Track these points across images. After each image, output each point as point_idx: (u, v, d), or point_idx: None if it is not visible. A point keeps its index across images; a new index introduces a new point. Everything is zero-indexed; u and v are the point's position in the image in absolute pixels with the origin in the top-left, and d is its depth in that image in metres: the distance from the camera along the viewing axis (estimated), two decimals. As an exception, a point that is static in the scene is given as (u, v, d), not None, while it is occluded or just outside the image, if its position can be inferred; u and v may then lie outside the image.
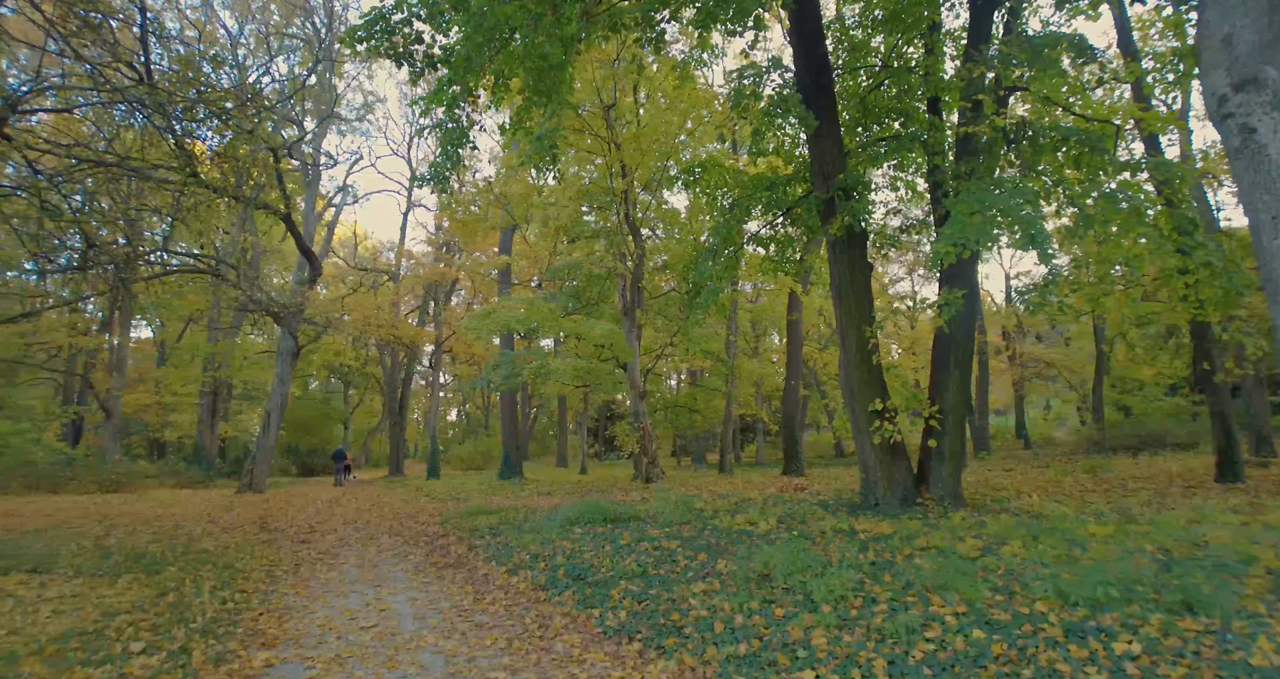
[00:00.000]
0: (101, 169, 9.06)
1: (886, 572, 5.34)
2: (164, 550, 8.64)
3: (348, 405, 46.84)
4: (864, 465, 10.54)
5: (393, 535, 10.36)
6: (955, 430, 10.53)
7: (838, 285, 10.91)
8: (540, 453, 49.77)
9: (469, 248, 28.92)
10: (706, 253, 13.61)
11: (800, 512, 8.88)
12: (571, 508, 9.78)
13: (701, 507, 9.42)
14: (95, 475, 18.55)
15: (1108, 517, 8.16)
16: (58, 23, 7.17)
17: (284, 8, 24.69)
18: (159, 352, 36.98)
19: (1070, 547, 6.09)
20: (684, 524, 8.35)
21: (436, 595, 6.11)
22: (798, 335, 24.17)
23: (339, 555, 8.65)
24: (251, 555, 8.46)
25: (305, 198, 25.21)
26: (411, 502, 16.42)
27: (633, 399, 18.54)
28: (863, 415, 10.30)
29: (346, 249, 40.22)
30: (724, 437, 26.69)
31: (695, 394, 28.91)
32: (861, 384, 10.44)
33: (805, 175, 12.97)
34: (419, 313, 35.63)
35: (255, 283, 21.99)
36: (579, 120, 17.65)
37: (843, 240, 10.61)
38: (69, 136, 10.75)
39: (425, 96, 9.81)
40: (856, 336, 10.49)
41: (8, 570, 7.19)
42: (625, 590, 5.41)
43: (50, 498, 16.73)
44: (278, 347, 21.72)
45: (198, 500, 16.58)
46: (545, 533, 8.40)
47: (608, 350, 16.61)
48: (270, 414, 19.91)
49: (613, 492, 15.36)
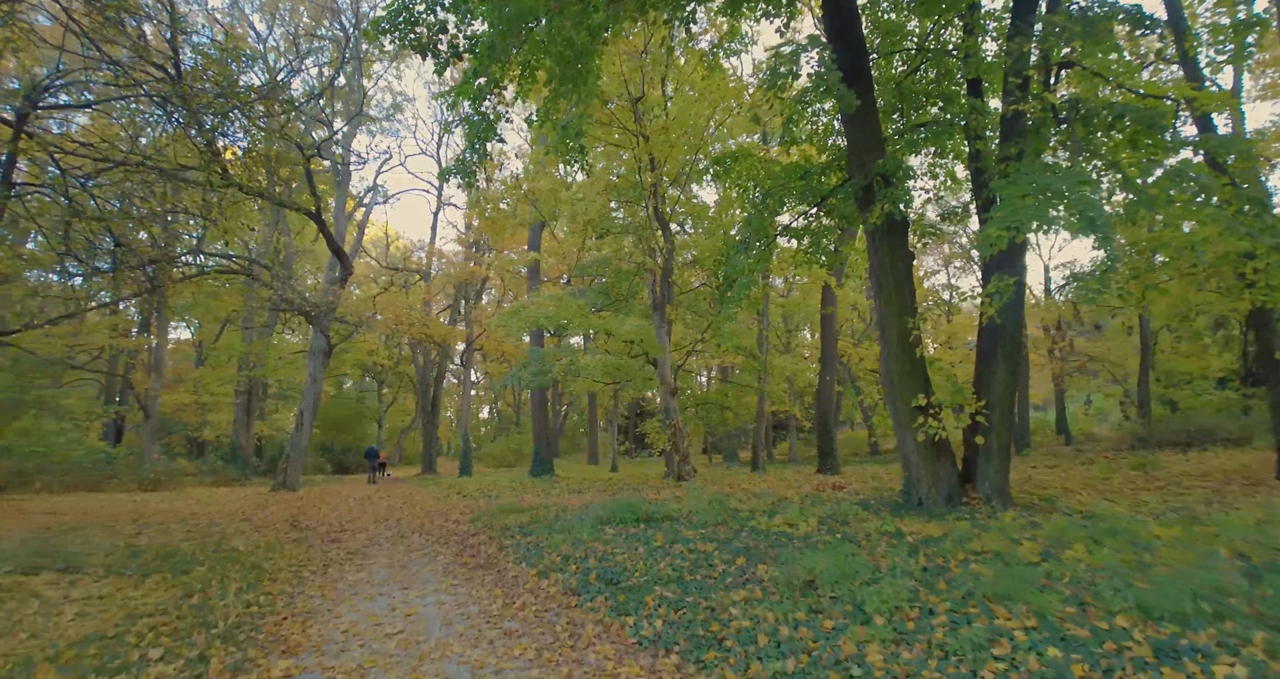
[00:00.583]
0: (129, 169, 9.05)
1: (941, 579, 4.96)
2: (195, 549, 8.60)
3: (381, 404, 47.33)
4: (906, 463, 10.13)
5: (423, 534, 10.22)
6: (1002, 426, 10.05)
7: (877, 275, 10.48)
8: (571, 450, 49.76)
9: (498, 245, 28.88)
10: (738, 245, 13.25)
11: (841, 512, 8.49)
12: (603, 507, 9.53)
13: (737, 507, 9.08)
14: (135, 474, 18.85)
15: (1169, 517, 7.65)
16: (81, 19, 7.12)
17: (312, 10, 24.86)
18: (197, 352, 37.74)
19: (1137, 551, 5.64)
20: (719, 525, 8.03)
21: (465, 599, 5.89)
22: (832, 330, 23.62)
23: (368, 555, 8.52)
24: (280, 554, 8.37)
25: (335, 197, 25.38)
26: (443, 499, 16.36)
27: (663, 396, 18.23)
28: (904, 410, 9.88)
29: (378, 249, 40.59)
30: (756, 434, 26.25)
31: (726, 391, 28.48)
32: (903, 378, 10.01)
33: (840, 164, 12.54)
34: (450, 312, 35.78)
35: (288, 283, 22.19)
36: (607, 114, 17.39)
37: (882, 228, 10.19)
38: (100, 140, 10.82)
39: (452, 88, 9.61)
40: (897, 328, 10.06)
41: (39, 569, 7.17)
42: (660, 597, 5.12)
43: (91, 496, 17.02)
44: (310, 346, 21.88)
45: (233, 498, 16.72)
46: (576, 533, 8.15)
47: (638, 346, 16.32)
48: (304, 413, 20.05)
49: (644, 490, 15.09)
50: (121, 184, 9.81)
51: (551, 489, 17.09)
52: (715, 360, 33.45)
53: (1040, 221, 6.69)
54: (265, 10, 24.60)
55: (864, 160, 10.51)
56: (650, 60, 16.58)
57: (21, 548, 8.78)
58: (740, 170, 13.90)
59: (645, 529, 8.13)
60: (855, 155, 10.78)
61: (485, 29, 8.56)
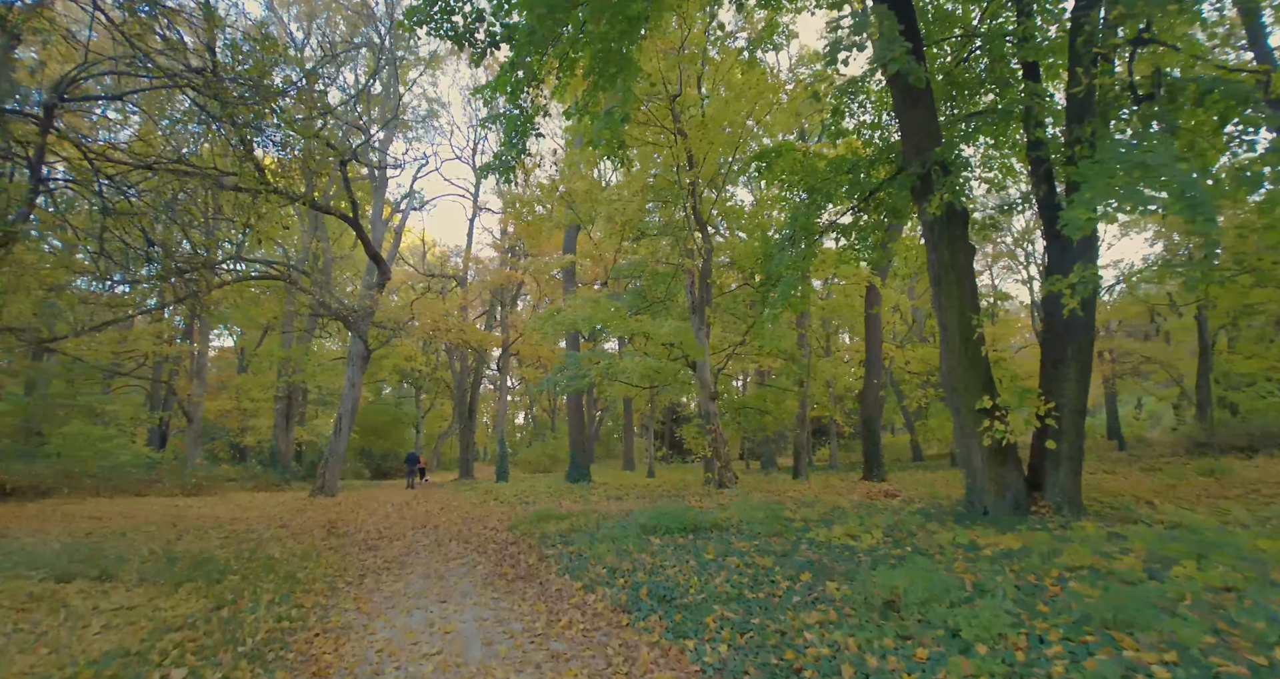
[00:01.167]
0: (164, 166, 8.94)
1: (1039, 599, 4.39)
2: (230, 556, 8.38)
3: (419, 409, 47.64)
4: (969, 469, 9.48)
5: (461, 542, 9.89)
6: (1073, 429, 9.37)
7: (936, 270, 9.87)
8: (606, 456, 49.40)
9: (534, 249, 28.69)
10: (782, 242, 12.74)
11: (903, 523, 7.91)
12: (646, 514, 9.07)
13: (790, 515, 8.53)
14: (178, 479, 19.00)
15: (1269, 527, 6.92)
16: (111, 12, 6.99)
17: (349, 17, 25.04)
18: (239, 359, 38.40)
19: (1252, 566, 4.99)
20: (774, 536, 7.50)
21: (506, 614, 5.49)
22: (876, 331, 22.81)
23: (405, 564, 8.19)
24: (316, 563, 8.10)
25: (372, 203, 25.49)
26: (480, 505, 16.08)
27: (703, 400, 17.71)
28: (967, 414, 9.25)
29: (416, 257, 40.87)
30: (797, 439, 25.47)
31: (765, 395, 27.76)
32: (966, 379, 9.38)
33: (889, 156, 11.97)
34: (486, 318, 35.79)
35: (326, 288, 22.29)
36: (644, 113, 17.00)
37: (941, 220, 9.59)
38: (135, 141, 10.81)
39: (488, 84, 9.31)
40: (959, 326, 9.45)
41: (73, 576, 6.99)
42: (722, 618, 4.63)
43: (135, 500, 17.16)
44: (348, 351, 21.91)
45: (272, 503, 16.69)
46: (621, 542, 7.70)
47: (677, 349, 15.85)
48: (342, 418, 20.01)
49: (685, 497, 14.60)
50: (156, 184, 9.74)
51: (589, 495, 16.68)
52: (752, 364, 32.76)
53: (1135, 203, 6.04)
54: (302, 18, 24.82)
55: (920, 148, 9.94)
56: (687, 57, 16.16)
57: (61, 554, 8.68)
58: (783, 166, 13.39)
59: (693, 539, 7.64)
60: (911, 143, 10.21)
61: (524, 17, 8.23)
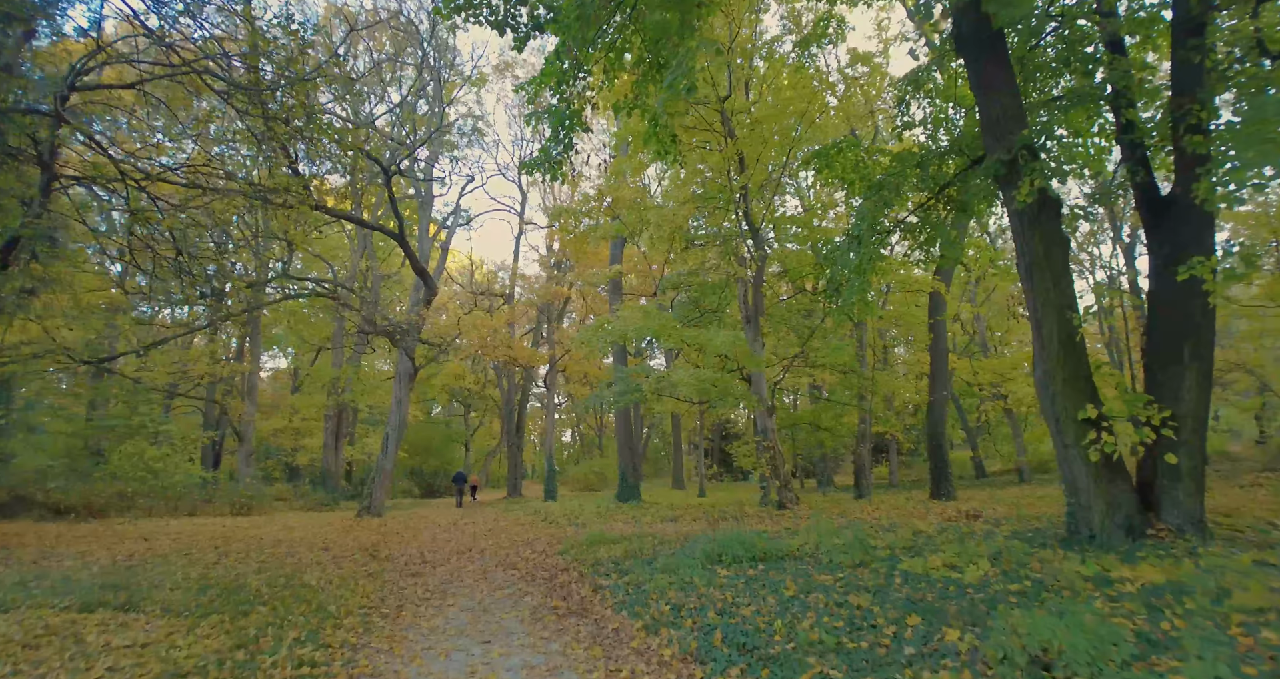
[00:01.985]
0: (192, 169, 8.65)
1: (1235, 657, 3.41)
2: (264, 584, 7.84)
3: (468, 428, 47.68)
4: (1071, 487, 8.37)
5: (508, 568, 9.19)
6: (1195, 441, 8.18)
7: (1028, 265, 8.84)
8: (653, 474, 48.45)
9: (580, 262, 28.26)
10: (846, 244, 11.84)
11: (1007, 549, 6.86)
12: (708, 540, 8.22)
13: (874, 542, 7.55)
14: (229, 499, 18.92)
15: None
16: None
17: (395, 37, 25.22)
18: (292, 379, 39.00)
19: None
20: (859, 567, 6.56)
21: (558, 661, 4.72)
22: (941, 341, 21.47)
23: (447, 593, 7.52)
24: (352, 592, 7.49)
25: (419, 221, 25.48)
26: (529, 526, 15.42)
27: (760, 415, 16.75)
28: (1069, 425, 8.17)
29: (464, 277, 41.03)
30: (859, 456, 24.21)
31: (822, 410, 26.49)
32: (1066, 386, 8.31)
33: (961, 147, 11.02)
34: (533, 336, 35.59)
35: (374, 305, 22.21)
36: (693, 118, 16.32)
37: (1031, 210, 8.60)
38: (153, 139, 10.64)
39: (533, 79, 8.77)
40: (1057, 326, 8.41)
41: (97, 606, 6.52)
42: (823, 677, 3.76)
43: (187, 521, 17.06)
44: (396, 369, 21.69)
45: (318, 524, 16.35)
46: (683, 572, 6.87)
47: (731, 361, 14.98)
48: (389, 435, 19.70)
49: (745, 519, 13.64)
50: (185, 196, 9.50)
51: (641, 516, 15.86)
52: (806, 378, 31.55)
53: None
54: (349, 40, 25.07)
55: (1002, 133, 8.99)
56: (738, 51, 15.47)
57: (95, 579, 8.33)
58: (844, 163, 12.52)
59: (766, 570, 6.75)
60: (992, 128, 9.26)
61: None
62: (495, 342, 28.61)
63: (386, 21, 24.15)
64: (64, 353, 15.05)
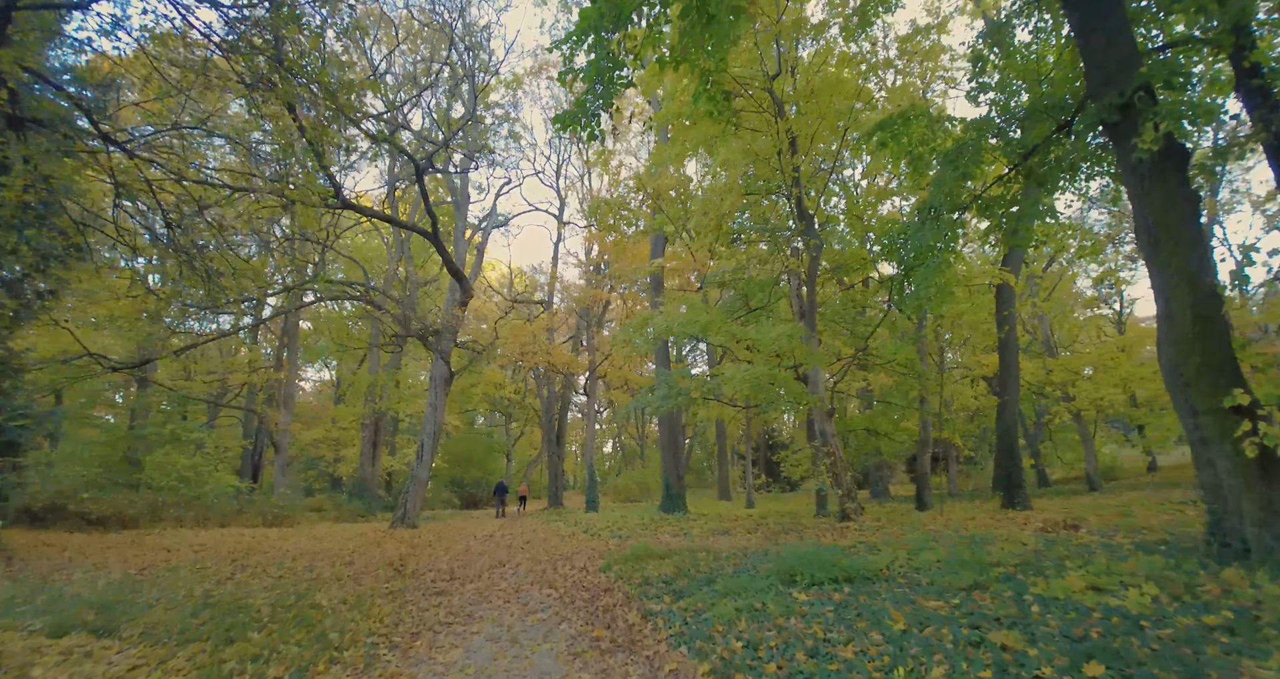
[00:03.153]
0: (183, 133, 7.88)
1: None
2: (271, 603, 6.90)
3: (509, 438, 47.09)
4: (1210, 490, 6.93)
5: (545, 586, 8.10)
6: (1372, 435, 6.63)
7: (1149, 229, 7.43)
8: (696, 484, 47.00)
9: (619, 259, 27.26)
10: (922, 219, 10.56)
11: (1149, 566, 5.49)
12: (773, 557, 7.00)
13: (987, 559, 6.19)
14: (261, 509, 18.31)
15: None
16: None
17: (430, 36, 24.75)
18: (335, 390, 38.87)
19: None
20: (974, 589, 5.27)
21: (601, 717, 3.59)
22: (1012, 338, 19.73)
23: (473, 617, 6.46)
24: (365, 614, 6.48)
25: (455, 224, 24.90)
26: (569, 538, 14.34)
27: (818, 418, 15.36)
28: (1208, 415, 6.75)
29: (503, 286, 40.56)
30: (921, 464, 22.59)
31: (877, 414, 24.79)
32: (1204, 369, 6.88)
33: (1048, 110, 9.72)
34: (572, 344, 34.81)
35: (410, 306, 21.55)
36: (741, 101, 15.20)
37: (1153, 161, 7.21)
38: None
39: (568, 34, 7.78)
40: (1190, 300, 6.99)
41: (69, 629, 5.64)
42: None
43: (216, 532, 16.46)
44: (431, 373, 20.96)
45: (348, 535, 15.54)
46: (751, 596, 5.66)
47: (787, 358, 13.69)
48: (424, 443, 18.89)
49: (805, 532, 12.31)
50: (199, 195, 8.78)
51: (689, 528, 14.63)
52: (857, 383, 29.91)
53: None
54: (384, 43, 24.71)
55: (1112, 75, 7.65)
56: (789, 25, 14.31)
57: (92, 596, 7.53)
58: (913, 135, 11.24)
59: (854, 594, 5.51)
60: (1099, 70, 7.92)
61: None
62: (534, 348, 27.80)
63: (422, 23, 23.69)
64: (94, 359, 14.61)
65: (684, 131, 15.62)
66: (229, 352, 29.60)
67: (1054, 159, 10.02)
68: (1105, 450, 29.99)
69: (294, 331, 25.23)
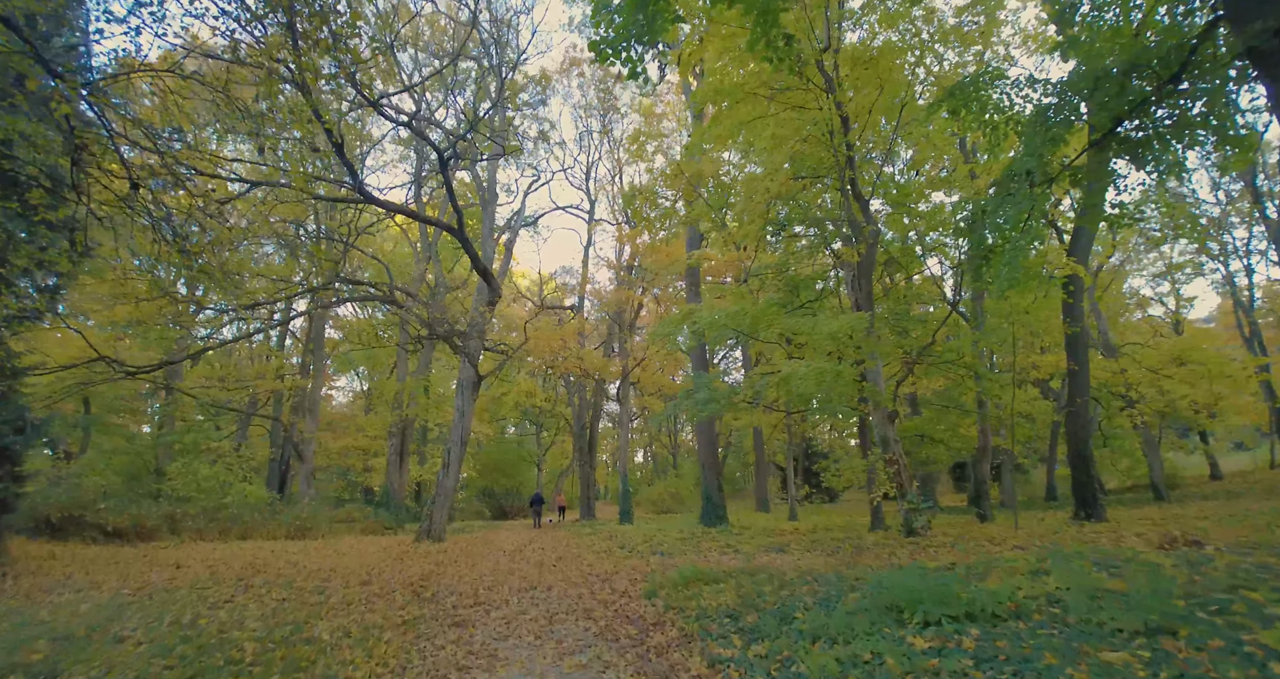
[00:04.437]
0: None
1: None
2: (260, 636, 5.83)
3: (540, 447, 46.17)
4: None
5: (581, 617, 6.90)
6: None
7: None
8: (732, 494, 45.44)
9: (651, 255, 26.02)
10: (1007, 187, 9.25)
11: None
12: (861, 584, 5.72)
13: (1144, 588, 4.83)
14: (283, 521, 17.45)
15: None
16: None
17: (458, 31, 24.04)
18: (366, 399, 38.36)
19: None
20: (1156, 633, 3.94)
21: None
22: (1083, 337, 18.02)
23: (496, 659, 5.30)
24: (368, 654, 5.36)
25: (483, 222, 24.06)
26: (605, 554, 13.14)
27: (879, 422, 13.93)
28: None
29: (533, 292, 39.78)
30: (978, 473, 20.97)
31: (931, 419, 23.09)
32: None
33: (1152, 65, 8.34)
34: (604, 350, 33.79)
35: (438, 307, 20.69)
36: (787, 80, 13.99)
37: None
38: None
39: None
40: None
41: (4, 672, 4.62)
42: None
43: (235, 545, 15.63)
44: (458, 378, 20.00)
45: (372, 550, 14.55)
46: (850, 640, 4.40)
47: (849, 354, 12.34)
48: (450, 451, 17.87)
49: (876, 549, 10.94)
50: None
51: (739, 544, 13.33)
52: (905, 388, 28.25)
53: None
54: (411, 42, 24.06)
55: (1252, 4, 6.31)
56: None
57: (67, 621, 6.59)
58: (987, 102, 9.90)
59: (985, 637, 4.22)
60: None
61: None
62: (565, 353, 26.79)
63: (449, 20, 22.99)
64: (107, 363, 13.90)
65: (724, 115, 14.51)
66: (260, 358, 29.17)
67: (1154, 122, 8.66)
68: (1168, 457, 27.91)
69: (319, 339, 24.57)
